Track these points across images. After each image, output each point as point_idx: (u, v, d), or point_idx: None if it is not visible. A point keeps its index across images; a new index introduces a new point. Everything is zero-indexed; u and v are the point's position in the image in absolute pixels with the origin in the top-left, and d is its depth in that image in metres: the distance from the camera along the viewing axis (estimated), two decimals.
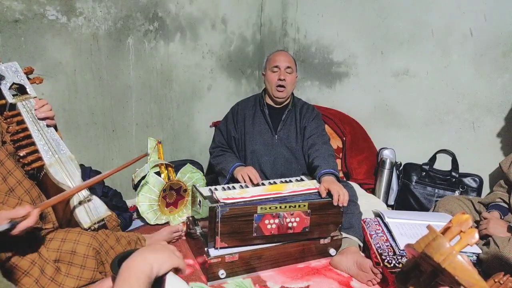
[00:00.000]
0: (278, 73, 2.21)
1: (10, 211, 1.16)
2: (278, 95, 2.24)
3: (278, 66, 2.21)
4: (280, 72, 2.21)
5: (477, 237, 0.63)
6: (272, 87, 2.23)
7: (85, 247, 1.34)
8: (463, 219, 0.63)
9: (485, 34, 2.23)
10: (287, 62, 2.23)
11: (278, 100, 2.27)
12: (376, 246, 1.86)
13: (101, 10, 2.26)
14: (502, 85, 2.23)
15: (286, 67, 2.21)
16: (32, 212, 1.17)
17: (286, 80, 2.21)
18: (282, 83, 2.20)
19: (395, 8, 2.54)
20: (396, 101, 2.64)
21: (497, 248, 1.64)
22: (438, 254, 0.62)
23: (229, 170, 2.18)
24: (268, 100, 2.34)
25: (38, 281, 1.26)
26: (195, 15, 2.70)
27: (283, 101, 2.30)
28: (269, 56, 2.30)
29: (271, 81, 2.23)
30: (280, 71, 2.21)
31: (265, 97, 2.35)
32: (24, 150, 1.40)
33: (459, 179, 2.36)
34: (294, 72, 2.26)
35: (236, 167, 2.17)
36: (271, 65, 2.23)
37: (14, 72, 1.47)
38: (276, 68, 2.22)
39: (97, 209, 1.47)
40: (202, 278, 1.81)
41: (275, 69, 2.22)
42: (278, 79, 2.20)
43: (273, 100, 2.30)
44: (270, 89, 2.25)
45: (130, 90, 2.49)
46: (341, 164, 2.65)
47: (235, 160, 2.23)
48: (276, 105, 2.32)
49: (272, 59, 2.25)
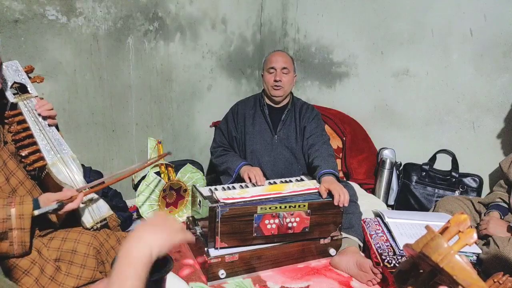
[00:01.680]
0: (274, 74, 2.21)
1: (57, 194, 1.30)
2: (274, 94, 2.24)
3: (274, 67, 2.21)
4: (276, 73, 2.21)
5: (476, 237, 0.64)
6: (269, 87, 2.24)
7: (85, 246, 1.34)
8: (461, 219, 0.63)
9: (485, 34, 2.23)
10: (283, 62, 2.22)
11: (275, 99, 2.27)
12: (376, 246, 1.87)
13: (101, 10, 2.26)
14: (502, 85, 2.23)
15: (282, 68, 2.21)
16: (78, 195, 1.32)
17: (282, 80, 2.21)
18: (277, 84, 2.21)
19: (395, 8, 2.54)
20: (396, 101, 2.64)
21: (497, 248, 1.64)
22: (436, 254, 0.62)
23: (235, 169, 2.17)
24: (267, 100, 2.34)
25: (38, 280, 1.26)
26: (195, 15, 2.70)
27: (281, 100, 2.30)
28: (267, 57, 2.30)
29: (267, 82, 2.24)
30: (276, 72, 2.21)
31: (264, 97, 2.35)
32: (26, 150, 1.40)
33: (459, 179, 2.36)
34: (291, 72, 2.25)
35: (242, 166, 2.17)
36: (268, 66, 2.24)
37: (14, 71, 1.47)
38: (272, 69, 2.22)
39: (99, 208, 1.48)
40: (202, 278, 1.81)
41: (271, 70, 2.22)
42: (274, 80, 2.21)
43: (271, 100, 2.30)
44: (267, 88, 2.26)
45: (130, 90, 2.49)
46: (341, 164, 2.65)
47: (241, 159, 2.23)
48: (275, 105, 2.32)
49: (269, 60, 2.25)
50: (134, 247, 0.71)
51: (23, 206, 1.22)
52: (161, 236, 0.73)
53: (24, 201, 1.23)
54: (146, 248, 0.70)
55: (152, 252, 0.71)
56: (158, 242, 0.72)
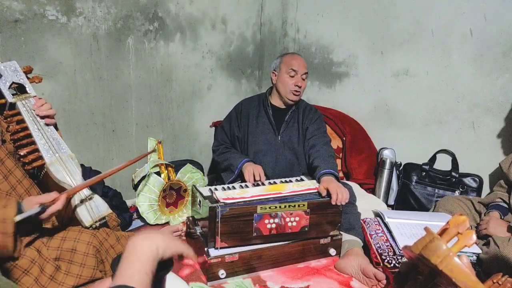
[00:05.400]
0: (296, 79, 2.19)
1: (40, 196, 1.25)
2: (293, 98, 2.23)
3: (297, 71, 2.19)
4: (298, 78, 2.20)
5: (475, 238, 0.63)
6: (287, 90, 2.22)
7: (85, 245, 1.35)
8: (460, 220, 0.63)
9: (485, 34, 2.23)
10: (305, 68, 2.23)
11: (290, 103, 2.27)
12: (376, 246, 1.87)
13: (101, 10, 2.26)
14: (502, 85, 2.23)
15: (304, 73, 2.21)
16: (60, 197, 1.27)
17: (302, 86, 2.21)
18: (298, 90, 2.20)
19: (395, 8, 2.54)
20: (396, 101, 2.64)
21: (497, 248, 1.64)
22: (435, 256, 0.62)
23: (238, 165, 2.18)
24: (273, 100, 2.33)
25: (38, 280, 1.26)
26: (195, 15, 2.70)
27: (293, 104, 2.30)
28: (285, 58, 2.26)
29: (286, 84, 2.21)
30: (298, 76, 2.20)
31: (269, 97, 2.34)
32: (24, 149, 1.40)
33: (459, 179, 2.36)
34: (307, 78, 2.27)
35: (245, 163, 2.17)
36: (288, 68, 2.20)
37: (13, 71, 1.47)
38: (294, 72, 2.19)
39: (98, 207, 1.48)
40: (202, 278, 1.81)
41: (292, 73, 2.20)
42: (295, 84, 2.19)
43: (283, 102, 2.30)
44: (284, 91, 2.23)
45: (130, 90, 2.49)
46: (341, 164, 2.65)
47: (243, 156, 2.23)
48: (282, 106, 2.32)
49: (289, 62, 2.22)
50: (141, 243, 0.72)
51: (6, 210, 1.18)
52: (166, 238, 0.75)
53: (8, 205, 1.19)
54: (153, 245, 0.72)
55: (158, 249, 0.72)
56: (164, 243, 0.74)
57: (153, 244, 0.72)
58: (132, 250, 0.71)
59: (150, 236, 0.74)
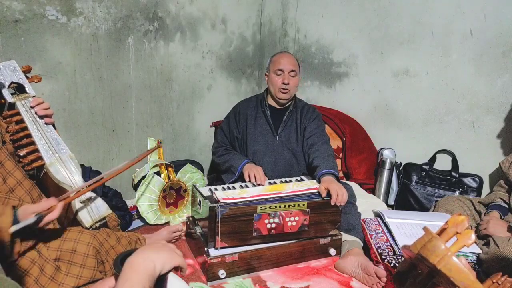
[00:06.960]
0: (282, 77, 2.20)
1: (35, 205, 1.21)
2: (282, 97, 2.24)
3: (282, 69, 2.20)
4: (284, 75, 2.20)
5: (474, 238, 0.63)
6: (276, 89, 2.23)
7: (85, 246, 1.34)
8: (459, 220, 0.63)
9: (485, 34, 2.23)
10: (292, 65, 2.22)
11: (281, 102, 2.27)
12: (376, 246, 1.86)
13: (101, 10, 2.26)
14: (502, 85, 2.22)
15: (290, 70, 2.21)
16: (57, 205, 1.23)
17: (290, 83, 2.21)
18: (285, 87, 2.20)
19: (395, 8, 2.54)
20: (396, 101, 2.64)
21: (497, 248, 1.63)
22: (434, 255, 0.62)
23: (238, 167, 2.17)
24: (270, 101, 2.34)
25: (38, 280, 1.26)
26: (195, 15, 2.70)
27: (286, 103, 2.30)
28: (273, 58, 2.29)
29: (274, 84, 2.23)
30: (284, 74, 2.20)
31: (267, 98, 2.35)
32: (24, 150, 1.40)
33: (459, 179, 2.36)
34: (297, 75, 2.26)
35: (245, 164, 2.17)
36: (275, 68, 2.22)
37: (12, 71, 1.46)
38: (280, 71, 2.21)
39: (98, 208, 1.48)
40: (202, 278, 1.81)
41: (279, 72, 2.21)
42: (282, 82, 2.20)
43: (276, 102, 2.30)
44: (274, 91, 2.25)
45: (130, 90, 2.49)
46: (341, 164, 2.65)
47: (244, 157, 2.23)
48: (278, 106, 2.32)
49: (276, 61, 2.24)
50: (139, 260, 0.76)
51: (1, 219, 1.16)
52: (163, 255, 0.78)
53: (3, 213, 1.17)
54: (150, 262, 0.75)
55: (155, 267, 0.75)
56: (161, 260, 0.77)
57: (150, 261, 0.75)
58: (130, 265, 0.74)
59: (147, 255, 0.77)
